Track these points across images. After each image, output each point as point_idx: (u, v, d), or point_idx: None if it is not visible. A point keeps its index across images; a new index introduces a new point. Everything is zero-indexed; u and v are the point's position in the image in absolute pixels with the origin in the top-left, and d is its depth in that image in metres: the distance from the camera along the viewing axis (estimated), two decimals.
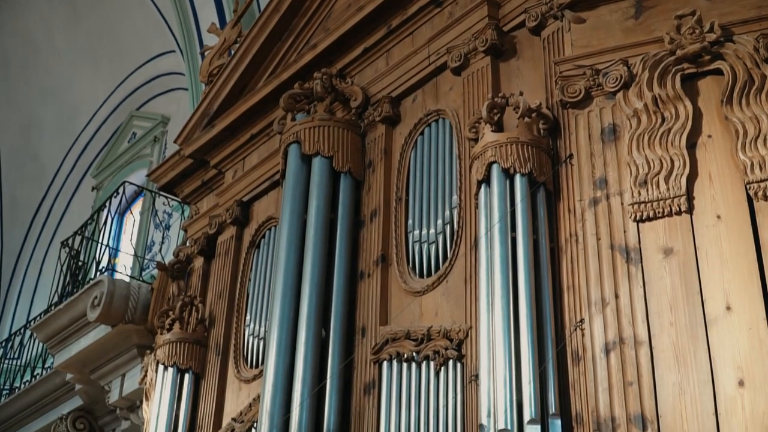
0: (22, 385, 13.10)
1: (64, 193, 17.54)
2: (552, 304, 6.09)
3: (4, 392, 14.38)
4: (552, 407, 5.75)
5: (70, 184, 17.48)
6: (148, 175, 11.24)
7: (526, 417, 5.68)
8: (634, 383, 5.45)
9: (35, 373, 13.17)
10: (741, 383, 5.16)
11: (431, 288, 6.94)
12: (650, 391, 5.41)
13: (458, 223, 6.96)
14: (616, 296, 5.72)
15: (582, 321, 5.89)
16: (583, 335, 5.85)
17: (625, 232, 5.87)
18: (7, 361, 14.91)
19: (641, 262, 5.74)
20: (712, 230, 5.62)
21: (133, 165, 15.81)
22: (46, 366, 12.97)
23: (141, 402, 9.50)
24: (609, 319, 5.68)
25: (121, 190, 12.26)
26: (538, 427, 5.65)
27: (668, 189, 5.79)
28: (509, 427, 5.66)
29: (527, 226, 6.26)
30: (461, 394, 6.31)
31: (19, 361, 14.40)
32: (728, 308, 5.37)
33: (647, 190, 5.84)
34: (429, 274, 7.06)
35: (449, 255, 6.94)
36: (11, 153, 17.83)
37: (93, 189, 16.70)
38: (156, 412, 8.46)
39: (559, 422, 5.71)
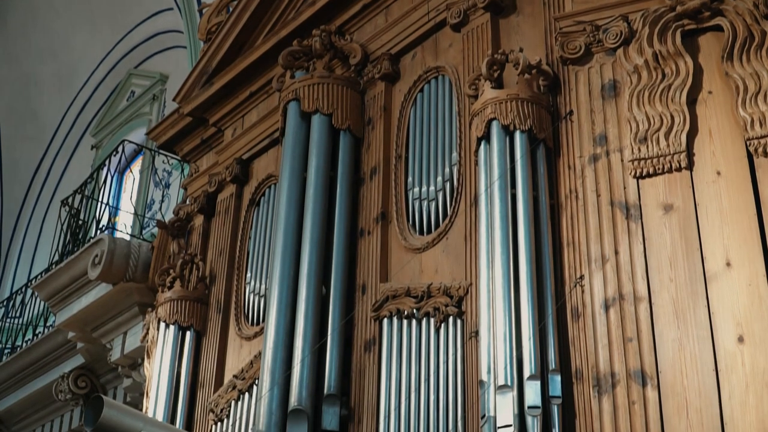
0: (24, 344, 13.14)
1: (63, 152, 17.51)
2: (552, 260, 6.10)
3: (6, 351, 14.43)
4: (552, 363, 5.78)
5: (70, 143, 17.45)
6: (147, 134, 11.21)
7: (526, 373, 5.71)
8: (634, 339, 5.47)
9: (37, 332, 13.22)
10: (741, 339, 5.17)
11: (431, 245, 6.95)
12: (650, 347, 5.43)
13: (458, 180, 6.95)
14: (616, 252, 5.73)
15: (582, 277, 5.90)
16: (582, 291, 5.87)
17: (625, 188, 5.87)
18: (8, 320, 14.96)
19: (641, 218, 5.74)
20: (712, 186, 5.62)
21: (132, 123, 15.77)
22: (48, 325, 13.01)
23: (143, 360, 9.54)
24: (609, 276, 5.69)
25: (120, 149, 12.25)
26: (538, 382, 5.68)
27: (668, 145, 5.79)
28: (509, 383, 5.69)
29: (527, 182, 6.26)
30: (461, 351, 6.33)
31: (20, 320, 14.45)
32: (728, 264, 5.38)
33: (647, 147, 5.84)
34: (429, 232, 7.06)
35: (449, 212, 6.94)
36: (10, 112, 17.78)
37: (92, 148, 16.67)
38: (158, 370, 8.49)
39: (558, 378, 5.74)
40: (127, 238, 10.75)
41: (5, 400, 12.91)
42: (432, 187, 7.15)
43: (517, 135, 6.40)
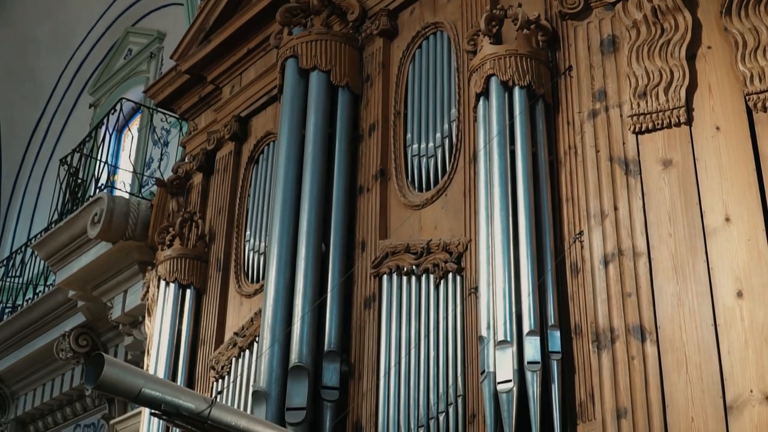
0: (25, 303, 13.17)
1: (61, 110, 17.45)
2: (551, 216, 6.11)
3: (7, 310, 14.47)
4: (551, 319, 5.80)
5: (68, 101, 17.38)
6: (145, 92, 11.18)
7: (526, 328, 5.73)
8: (633, 294, 5.48)
9: (37, 291, 13.24)
10: (740, 294, 5.18)
11: (430, 202, 6.95)
12: (649, 302, 5.44)
13: (457, 136, 6.94)
14: (615, 208, 5.73)
15: (581, 233, 5.90)
16: (582, 247, 5.87)
17: (624, 144, 5.86)
18: (8, 280, 14.97)
19: (640, 173, 5.73)
20: (711, 142, 5.61)
21: (129, 82, 15.71)
22: (48, 284, 13.03)
23: (143, 318, 9.57)
24: (608, 231, 5.70)
25: (118, 107, 12.20)
26: (538, 338, 5.70)
27: (667, 100, 5.77)
28: (508, 339, 5.71)
29: (526, 138, 6.25)
30: (461, 307, 6.35)
31: (20, 279, 14.46)
32: (727, 220, 5.38)
33: (646, 102, 5.82)
34: (428, 188, 7.06)
35: (448, 168, 6.94)
36: (7, 72, 17.70)
37: (90, 106, 16.61)
38: (158, 328, 8.52)
39: (558, 333, 5.77)
40: (126, 196, 10.75)
41: (6, 359, 12.95)
42: (431, 144, 7.14)
43: (516, 91, 6.38)
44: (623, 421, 5.26)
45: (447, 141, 7.03)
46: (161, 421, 7.07)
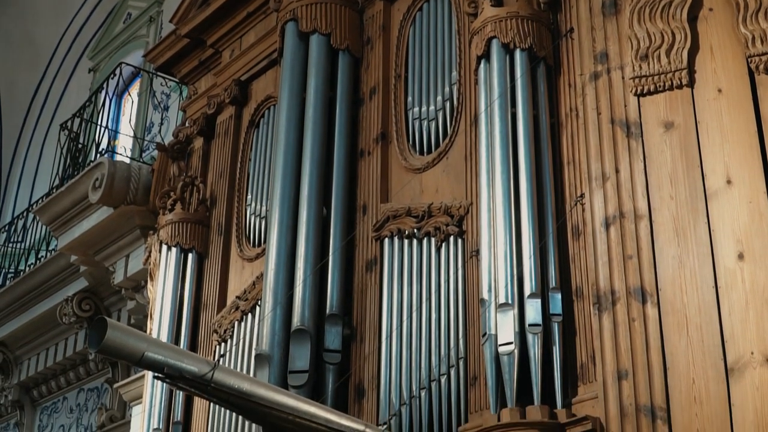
0: (27, 268, 13.19)
1: (61, 75, 17.38)
2: (552, 179, 6.11)
3: (9, 276, 14.49)
4: (552, 281, 5.81)
5: (67, 66, 17.31)
6: (144, 56, 11.14)
7: (527, 291, 5.75)
8: (634, 256, 5.49)
9: (39, 256, 13.26)
10: (741, 256, 5.18)
11: (431, 165, 6.95)
12: (650, 265, 5.44)
13: (458, 99, 6.93)
14: (617, 170, 5.72)
15: (582, 195, 5.91)
16: (583, 210, 5.88)
17: (625, 106, 5.84)
18: (10, 245, 14.99)
19: (642, 136, 5.72)
20: (712, 104, 5.59)
21: (129, 46, 15.64)
22: (50, 249, 13.04)
23: (146, 282, 9.59)
24: (609, 194, 5.69)
25: (118, 72, 12.16)
26: (539, 300, 5.72)
27: (669, 62, 5.75)
28: (510, 302, 5.73)
29: (527, 101, 6.24)
30: (462, 270, 6.36)
31: (22, 245, 14.48)
32: (728, 182, 5.37)
33: (648, 64, 5.80)
34: (429, 151, 7.05)
35: (449, 132, 6.93)
36: (6, 38, 17.63)
37: (90, 71, 16.55)
38: (161, 292, 8.54)
39: (559, 296, 5.78)
40: (127, 161, 10.74)
41: (9, 324, 12.99)
42: (432, 107, 7.13)
43: (517, 53, 6.36)
44: (624, 382, 5.28)
45: (448, 104, 7.01)
46: (165, 384, 7.12)
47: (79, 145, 12.36)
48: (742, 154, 5.40)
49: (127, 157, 11.99)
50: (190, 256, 8.66)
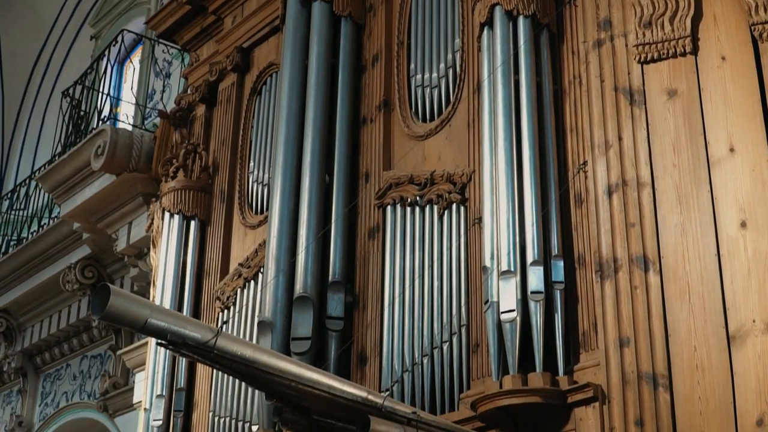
0: (30, 236, 13.20)
1: (62, 43, 17.33)
2: (555, 146, 6.10)
3: (12, 243, 14.51)
4: (555, 249, 5.82)
5: (69, 33, 17.26)
6: (146, 23, 11.09)
7: (529, 259, 5.76)
8: (637, 224, 5.49)
9: (42, 224, 13.27)
10: (743, 224, 5.18)
11: (434, 132, 6.93)
12: (652, 232, 5.45)
13: (461, 66, 6.91)
14: (620, 138, 5.71)
15: (585, 163, 5.90)
16: (586, 177, 5.87)
17: (629, 73, 5.82)
18: (13, 212, 15.00)
19: (645, 103, 5.71)
20: (716, 71, 5.58)
21: (131, 13, 15.58)
22: (53, 216, 13.05)
23: (148, 249, 9.61)
24: (612, 161, 5.69)
25: (119, 39, 12.13)
26: (541, 268, 5.73)
27: (673, 30, 5.72)
28: (512, 269, 5.74)
29: (530, 68, 6.22)
30: (464, 237, 6.36)
31: (25, 212, 14.49)
32: (731, 150, 5.36)
33: (652, 31, 5.77)
34: (432, 119, 7.04)
35: (452, 99, 6.91)
36: (8, 5, 17.56)
37: (92, 38, 16.50)
38: (163, 259, 8.56)
39: (561, 263, 5.79)
40: (129, 128, 10.73)
41: (12, 291, 13.02)
42: (434, 74, 7.11)
43: (521, 20, 6.34)
44: (626, 350, 5.30)
45: (451, 71, 6.99)
46: (168, 351, 7.14)
47: (81, 113, 12.35)
48: (746, 122, 5.39)
49: (129, 124, 11.99)
50: (192, 223, 8.67)
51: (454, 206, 6.52)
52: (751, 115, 5.40)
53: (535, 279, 5.72)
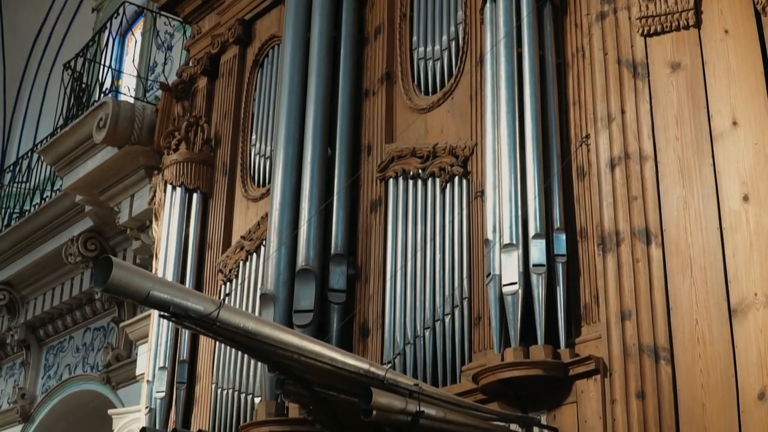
0: (32, 208, 13.21)
1: (64, 15, 17.27)
2: (558, 119, 6.09)
3: (15, 215, 14.52)
4: (557, 222, 5.82)
5: (70, 6, 17.19)
6: None
7: (531, 232, 5.76)
8: (639, 197, 5.48)
9: (44, 196, 13.28)
10: (746, 198, 5.18)
11: (436, 105, 6.93)
12: (654, 206, 5.44)
13: (463, 39, 6.89)
14: (623, 111, 5.70)
15: (588, 136, 5.89)
16: (588, 150, 5.86)
17: (632, 46, 5.80)
18: (15, 185, 15.00)
19: (648, 76, 5.69)
20: (719, 45, 5.55)
21: None
22: (55, 189, 13.05)
23: (151, 222, 9.62)
24: (615, 134, 5.68)
25: (121, 11, 12.09)
26: (543, 241, 5.73)
27: (676, 3, 5.70)
28: (514, 242, 5.74)
29: (533, 41, 6.20)
30: (467, 210, 6.37)
31: (27, 185, 14.49)
32: (734, 123, 5.35)
33: (655, 4, 5.75)
34: (434, 91, 7.03)
35: (454, 71, 6.90)
36: None
37: (93, 10, 16.44)
38: (166, 232, 8.57)
39: (563, 236, 5.79)
40: (131, 101, 10.72)
41: (15, 264, 13.04)
42: (437, 47, 7.09)
43: None
44: (627, 323, 5.31)
45: (453, 44, 6.97)
46: (170, 323, 7.16)
47: (83, 85, 12.33)
48: (749, 96, 5.38)
49: (130, 97, 11.97)
50: (194, 196, 8.67)
51: (456, 179, 6.51)
52: (754, 88, 5.38)
53: (537, 252, 5.72)
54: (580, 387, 5.47)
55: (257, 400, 7.13)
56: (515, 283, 5.66)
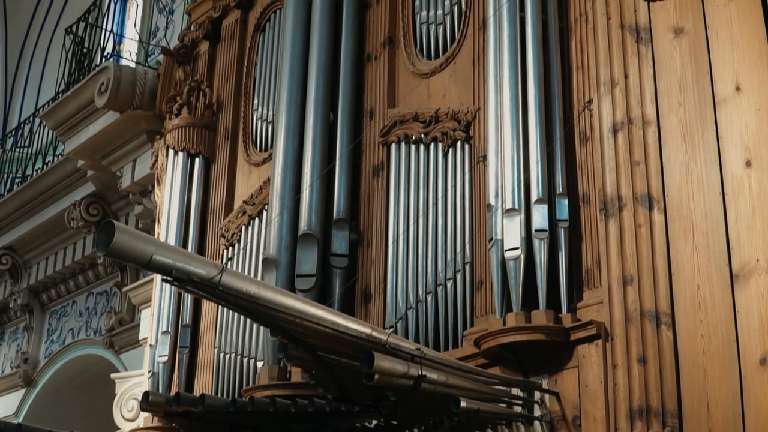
0: (34, 173, 13.21)
1: None
2: (560, 84, 6.07)
3: (17, 180, 14.52)
4: (559, 187, 5.81)
5: None
6: None
7: (534, 197, 5.75)
8: (641, 163, 5.47)
9: (47, 161, 13.27)
10: (748, 164, 5.16)
11: (439, 70, 6.90)
12: (657, 171, 5.43)
13: (466, 3, 6.86)
14: (626, 76, 5.68)
15: (590, 101, 5.87)
16: (591, 115, 5.85)
17: (635, 11, 5.77)
18: (18, 150, 14.99)
19: (651, 41, 5.66)
20: (723, 10, 5.52)
21: None
22: (57, 153, 13.05)
23: (153, 187, 9.62)
24: (618, 100, 5.66)
25: None
26: (545, 206, 5.73)
27: None
28: (516, 207, 5.74)
29: (536, 5, 6.17)
30: (469, 175, 6.36)
31: (29, 149, 14.48)
32: (737, 89, 5.32)
33: None
34: (437, 56, 7.01)
35: (457, 36, 6.87)
36: None
37: None
38: (168, 197, 8.57)
39: (565, 202, 5.79)
40: (133, 65, 10.69)
41: (17, 229, 13.06)
42: (440, 11, 7.06)
43: None
44: (629, 288, 5.31)
45: (456, 8, 6.94)
46: (173, 287, 7.17)
47: (84, 50, 12.29)
48: (752, 62, 5.35)
49: (132, 61, 11.93)
50: (197, 160, 8.68)
51: (458, 144, 6.51)
52: (757, 54, 5.35)
53: (540, 217, 5.72)
54: (582, 352, 5.49)
55: (260, 364, 7.16)
56: (517, 248, 5.67)
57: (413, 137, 6.80)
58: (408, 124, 6.86)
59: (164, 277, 4.14)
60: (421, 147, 6.74)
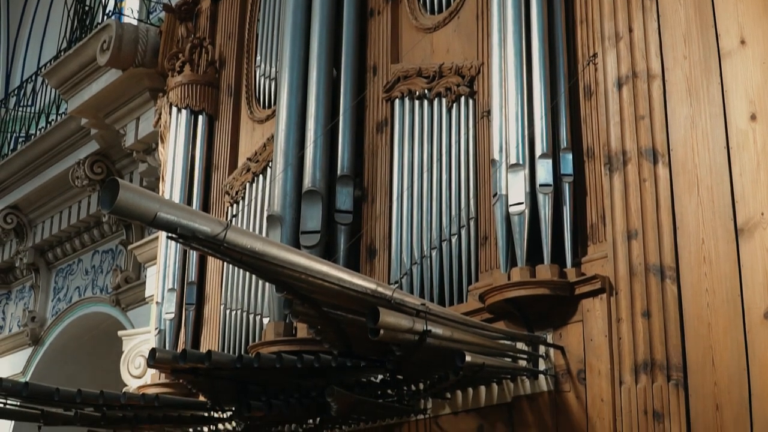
0: (38, 132, 13.21)
1: None
2: (565, 38, 6.04)
3: (21, 139, 14.52)
4: (563, 141, 5.80)
5: None
6: None
7: (538, 151, 5.75)
8: (646, 117, 5.46)
9: (50, 120, 13.26)
10: (753, 117, 5.14)
11: (442, 24, 6.87)
12: (662, 125, 5.42)
13: None
14: (630, 30, 5.65)
15: (595, 55, 5.85)
16: (595, 69, 5.83)
17: None
18: (21, 109, 14.97)
19: None
20: None
21: None
22: (60, 112, 13.03)
23: (157, 144, 9.61)
24: (622, 53, 5.63)
25: None
26: (550, 161, 5.72)
27: None
28: (521, 162, 5.73)
29: None
30: (473, 130, 6.35)
31: (33, 108, 14.46)
32: (742, 42, 5.29)
33: None
34: (440, 11, 6.97)
35: None
36: None
37: None
38: (172, 154, 8.57)
39: (570, 156, 5.78)
40: (135, 23, 10.65)
41: (22, 188, 13.08)
42: None
43: None
44: (633, 242, 5.32)
45: None
46: (178, 244, 7.19)
47: (86, 8, 12.24)
48: (757, 15, 5.31)
49: (134, 18, 11.87)
50: (200, 117, 8.67)
51: (462, 99, 6.49)
52: (762, 7, 5.32)
53: (544, 172, 5.71)
54: (586, 306, 5.50)
55: (266, 320, 7.19)
56: (522, 203, 5.67)
57: (417, 93, 6.78)
58: (412, 79, 6.84)
59: (169, 235, 4.14)
60: (425, 102, 6.72)
